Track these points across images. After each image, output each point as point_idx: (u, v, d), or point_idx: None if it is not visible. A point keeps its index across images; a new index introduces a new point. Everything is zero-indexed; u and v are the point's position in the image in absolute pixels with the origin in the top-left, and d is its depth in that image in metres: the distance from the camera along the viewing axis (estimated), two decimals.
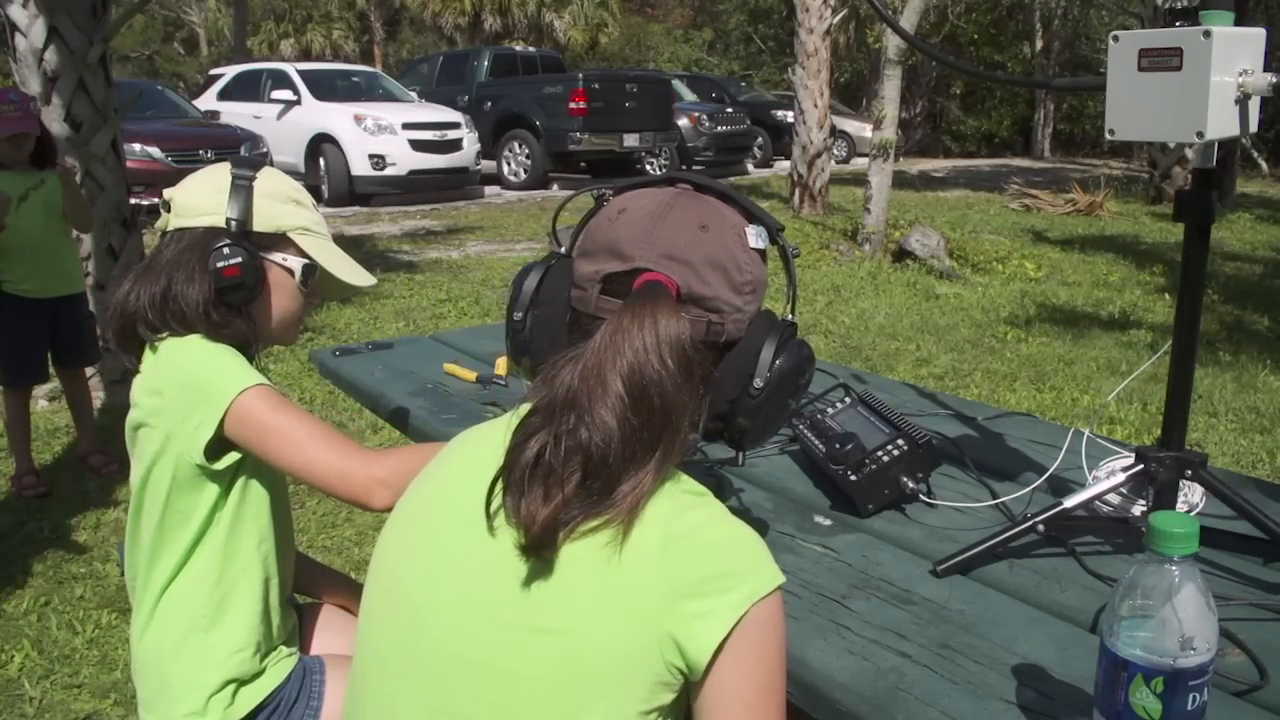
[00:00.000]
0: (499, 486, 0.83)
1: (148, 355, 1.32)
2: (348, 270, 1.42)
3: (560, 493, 0.80)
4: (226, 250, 1.29)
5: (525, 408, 0.86)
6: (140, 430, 1.31)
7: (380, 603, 0.91)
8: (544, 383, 0.85)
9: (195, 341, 1.30)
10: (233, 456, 1.29)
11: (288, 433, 1.25)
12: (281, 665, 1.39)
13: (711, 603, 0.80)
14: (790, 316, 0.96)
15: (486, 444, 0.88)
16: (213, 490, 1.30)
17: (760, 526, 1.25)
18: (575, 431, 0.81)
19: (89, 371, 4.00)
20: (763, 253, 0.94)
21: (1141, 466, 1.16)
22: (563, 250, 0.99)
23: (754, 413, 0.92)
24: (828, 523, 1.28)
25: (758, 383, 0.91)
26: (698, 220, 0.91)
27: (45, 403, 4.30)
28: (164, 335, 1.30)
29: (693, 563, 0.81)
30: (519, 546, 0.81)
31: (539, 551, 0.81)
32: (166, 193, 1.36)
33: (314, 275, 1.40)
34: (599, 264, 0.91)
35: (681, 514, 0.83)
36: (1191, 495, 1.24)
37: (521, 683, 0.81)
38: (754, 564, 0.83)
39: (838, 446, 1.32)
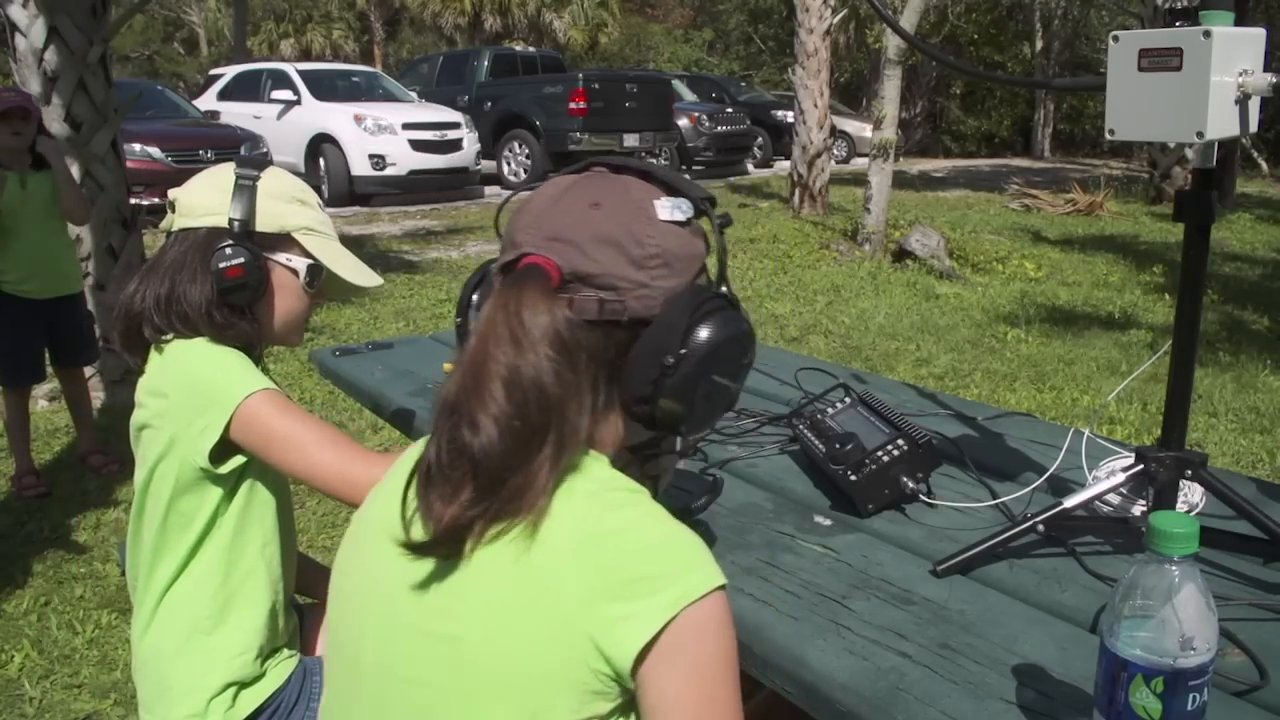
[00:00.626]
0: (411, 494, 0.82)
1: (153, 356, 1.32)
2: (353, 270, 1.42)
3: (456, 496, 0.79)
4: (229, 250, 1.28)
5: None
6: (144, 431, 1.31)
7: (334, 619, 0.92)
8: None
9: (201, 344, 1.30)
10: (237, 460, 1.29)
11: (293, 437, 1.25)
12: (282, 667, 1.39)
13: (635, 605, 0.76)
14: (724, 289, 0.90)
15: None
16: (216, 493, 1.30)
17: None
18: (458, 434, 0.79)
19: (89, 371, 4.00)
20: (685, 224, 0.88)
21: (1141, 466, 1.16)
22: None
23: (678, 393, 0.86)
24: (828, 523, 1.29)
25: (669, 359, 0.84)
26: (592, 199, 0.87)
27: (45, 403, 4.30)
28: (169, 336, 1.30)
29: (615, 564, 0.77)
30: (425, 551, 0.79)
31: (443, 555, 0.79)
32: (171, 193, 1.36)
33: (320, 276, 1.39)
34: (501, 257, 0.88)
35: (605, 513, 0.80)
36: (1191, 495, 1.24)
37: (443, 694, 0.80)
38: (685, 565, 0.79)
39: (838, 446, 1.32)
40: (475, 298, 1.01)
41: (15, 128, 3.24)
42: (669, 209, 0.87)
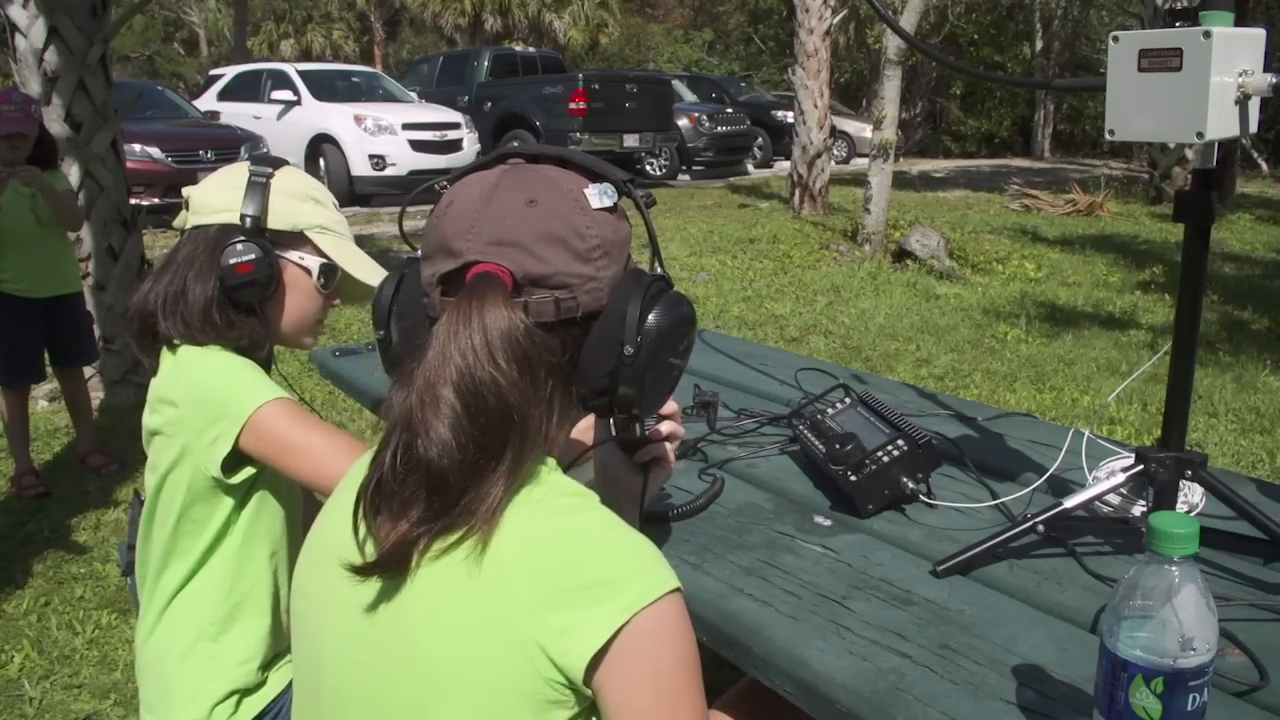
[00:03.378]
0: (362, 512, 0.81)
1: (166, 357, 1.31)
2: (368, 271, 1.40)
3: (406, 513, 0.77)
4: (240, 247, 1.28)
5: None
6: (156, 437, 1.30)
7: (295, 641, 0.91)
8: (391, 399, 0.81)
9: (214, 353, 1.29)
10: (249, 470, 1.29)
11: (305, 447, 1.24)
12: (284, 672, 1.38)
13: (583, 614, 0.75)
14: (659, 270, 0.89)
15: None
16: (228, 502, 1.30)
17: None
18: (412, 449, 0.77)
19: (89, 371, 4.00)
20: (613, 209, 0.87)
21: (1141, 467, 1.16)
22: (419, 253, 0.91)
23: (636, 380, 0.86)
24: (828, 523, 1.29)
25: (628, 349, 0.84)
26: (525, 196, 0.83)
27: (45, 403, 4.29)
28: (179, 340, 1.29)
29: (561, 572, 0.76)
30: (370, 572, 0.78)
31: (391, 573, 0.78)
32: (185, 191, 1.36)
33: (334, 277, 1.39)
34: (435, 265, 0.84)
35: (550, 520, 0.79)
36: (1191, 495, 1.24)
37: (401, 712, 0.79)
38: (634, 571, 0.77)
39: (838, 447, 1.32)
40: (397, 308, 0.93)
41: (14, 143, 3.26)
42: (598, 196, 0.86)
